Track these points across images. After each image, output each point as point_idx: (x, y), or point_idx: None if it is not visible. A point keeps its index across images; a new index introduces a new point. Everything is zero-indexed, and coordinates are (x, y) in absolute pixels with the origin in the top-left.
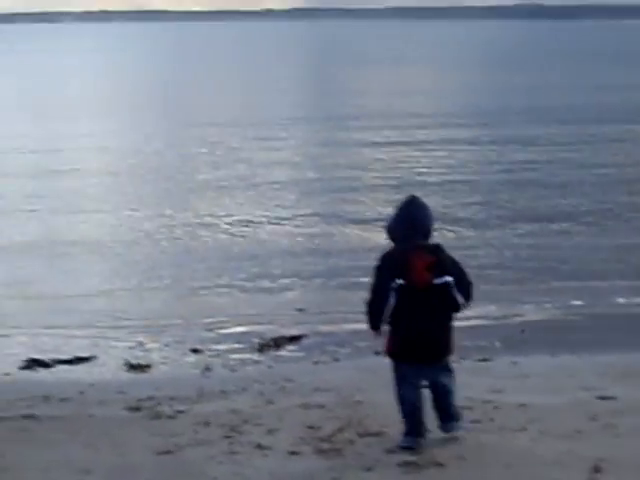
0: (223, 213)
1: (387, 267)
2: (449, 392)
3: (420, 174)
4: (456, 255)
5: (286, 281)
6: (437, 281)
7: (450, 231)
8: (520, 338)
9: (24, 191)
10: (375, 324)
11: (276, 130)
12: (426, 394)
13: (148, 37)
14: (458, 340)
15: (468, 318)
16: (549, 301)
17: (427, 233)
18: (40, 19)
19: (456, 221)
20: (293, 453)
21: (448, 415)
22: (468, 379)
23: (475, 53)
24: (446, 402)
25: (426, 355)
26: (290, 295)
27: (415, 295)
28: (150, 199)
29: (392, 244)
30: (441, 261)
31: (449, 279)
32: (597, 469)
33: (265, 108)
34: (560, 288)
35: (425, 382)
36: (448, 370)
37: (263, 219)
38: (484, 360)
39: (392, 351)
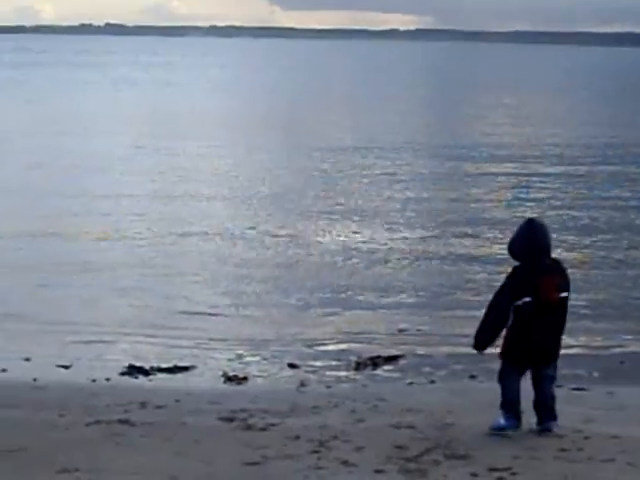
0: (335, 234)
1: (514, 286)
2: (553, 394)
3: (531, 208)
4: None
5: (390, 303)
6: (561, 295)
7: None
8: (619, 369)
9: (138, 211)
10: (483, 343)
11: (392, 157)
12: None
13: (272, 54)
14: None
15: (569, 347)
16: None
17: (548, 250)
18: (169, 33)
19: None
20: (378, 471)
21: (550, 414)
22: (562, 407)
23: (601, 81)
24: (549, 400)
25: (542, 361)
26: (393, 316)
27: (542, 310)
28: (262, 219)
29: (515, 262)
30: (565, 278)
31: (567, 292)
32: None
33: (379, 132)
34: None
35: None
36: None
37: (373, 242)
38: (580, 389)
39: (509, 355)
